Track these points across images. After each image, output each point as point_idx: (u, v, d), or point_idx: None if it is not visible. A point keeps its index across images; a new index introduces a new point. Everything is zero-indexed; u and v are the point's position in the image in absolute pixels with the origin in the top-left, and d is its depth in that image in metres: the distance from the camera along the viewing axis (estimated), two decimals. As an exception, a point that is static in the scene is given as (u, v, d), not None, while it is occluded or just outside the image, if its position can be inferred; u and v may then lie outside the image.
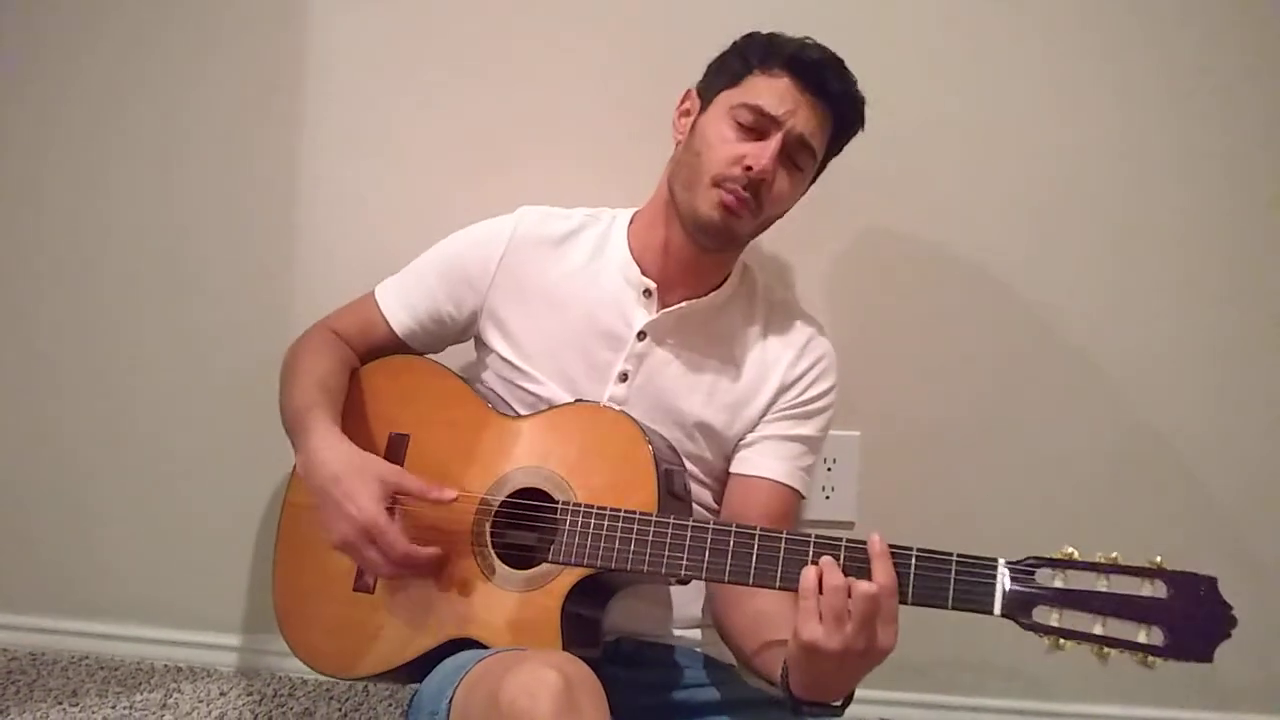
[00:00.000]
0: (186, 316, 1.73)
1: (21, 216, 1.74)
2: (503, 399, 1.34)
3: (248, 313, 1.71)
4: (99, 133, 1.70)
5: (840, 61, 1.27)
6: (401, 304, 1.38)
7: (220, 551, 1.74)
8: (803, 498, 1.33)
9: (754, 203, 1.24)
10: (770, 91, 1.24)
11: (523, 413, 1.30)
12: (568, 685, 0.95)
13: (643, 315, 1.31)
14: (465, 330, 1.39)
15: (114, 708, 1.60)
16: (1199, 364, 1.65)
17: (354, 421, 1.35)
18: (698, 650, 1.32)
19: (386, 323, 1.38)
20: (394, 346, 1.40)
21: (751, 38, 1.30)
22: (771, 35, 1.29)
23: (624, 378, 1.30)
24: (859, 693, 1.65)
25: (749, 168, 1.22)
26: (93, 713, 1.58)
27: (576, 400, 1.28)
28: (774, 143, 1.23)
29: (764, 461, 1.31)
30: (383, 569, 1.18)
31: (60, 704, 1.60)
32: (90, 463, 1.76)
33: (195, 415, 1.73)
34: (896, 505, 1.66)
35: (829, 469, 1.68)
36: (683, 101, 1.34)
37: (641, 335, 1.31)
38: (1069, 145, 1.62)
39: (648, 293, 1.31)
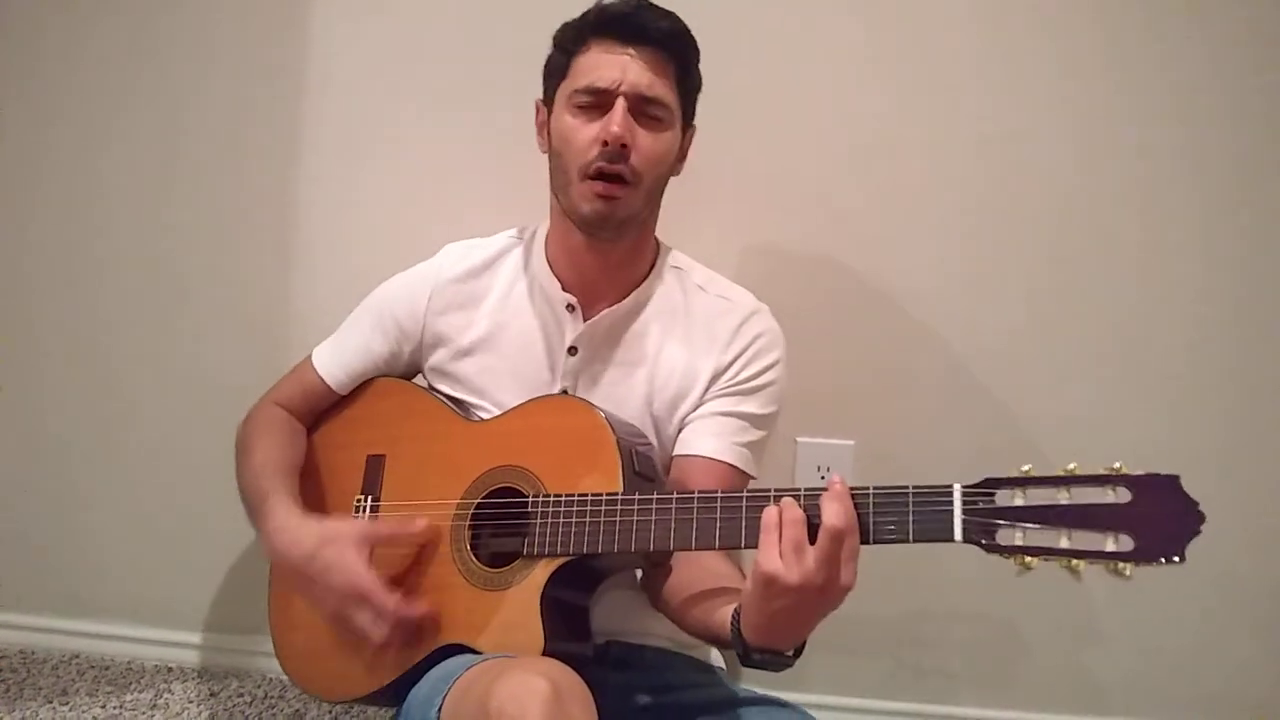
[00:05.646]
0: (181, 318, 1.74)
1: (18, 221, 1.75)
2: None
3: (243, 316, 1.73)
4: (95, 138, 1.72)
5: (645, 3, 1.26)
6: (337, 363, 1.40)
7: (212, 552, 1.74)
8: (749, 477, 1.30)
9: (627, 173, 1.23)
10: (592, 66, 1.25)
11: (487, 416, 1.31)
12: (556, 692, 0.95)
13: (570, 330, 1.31)
14: (405, 374, 1.40)
15: (104, 707, 1.60)
16: (1211, 377, 1.64)
17: (333, 451, 1.39)
18: (683, 652, 1.31)
19: (324, 383, 1.39)
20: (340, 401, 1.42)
21: (564, 27, 1.31)
22: (580, 16, 1.29)
23: (564, 393, 1.31)
24: (858, 701, 1.68)
25: (604, 141, 1.22)
26: (83, 712, 1.58)
27: (538, 396, 1.28)
28: (618, 108, 1.22)
29: (698, 440, 1.29)
30: (378, 630, 1.16)
31: (50, 703, 1.60)
32: (82, 462, 1.77)
33: (188, 415, 1.74)
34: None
35: (822, 477, 1.67)
36: (536, 116, 1.35)
37: (573, 350, 1.31)
38: (1072, 155, 1.62)
39: (570, 307, 1.31)
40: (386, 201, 1.70)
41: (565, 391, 1.31)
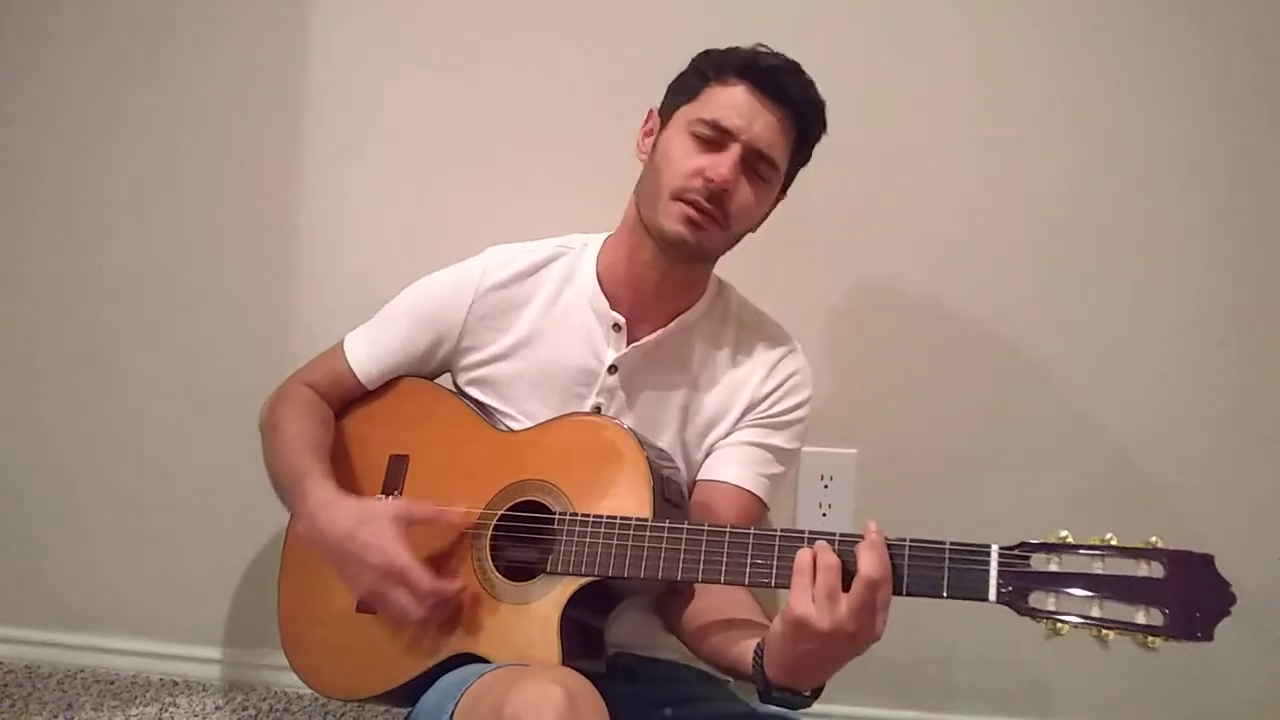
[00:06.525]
0: (183, 329, 1.73)
1: (17, 230, 1.74)
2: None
3: (245, 325, 1.72)
4: (93, 144, 1.71)
5: (797, 66, 1.27)
6: (370, 356, 1.38)
7: (217, 565, 1.74)
8: (766, 507, 1.32)
9: (719, 214, 1.24)
10: (726, 103, 1.25)
11: (517, 427, 1.31)
12: (571, 701, 0.95)
13: (614, 349, 1.32)
14: (435, 373, 1.40)
15: (110, 721, 1.60)
16: (1212, 377, 1.64)
17: (355, 446, 1.38)
18: (693, 665, 1.31)
19: (354, 375, 1.38)
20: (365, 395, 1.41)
21: (708, 53, 1.30)
22: (729, 48, 1.29)
23: (597, 411, 1.31)
24: (869, 711, 1.68)
25: (709, 180, 1.22)
26: (88, 727, 1.58)
27: (571, 413, 1.29)
28: (732, 153, 1.23)
29: (724, 467, 1.31)
30: (413, 609, 1.16)
31: (56, 717, 1.59)
32: (87, 476, 1.76)
33: (191, 428, 1.73)
34: (893, 522, 1.64)
35: (825, 486, 1.68)
36: (646, 122, 1.35)
37: (612, 369, 1.32)
38: (1072, 162, 1.62)
39: (617, 327, 1.32)
40: (388, 207, 1.69)
41: (598, 409, 1.31)
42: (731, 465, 1.31)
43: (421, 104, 1.68)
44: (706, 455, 1.33)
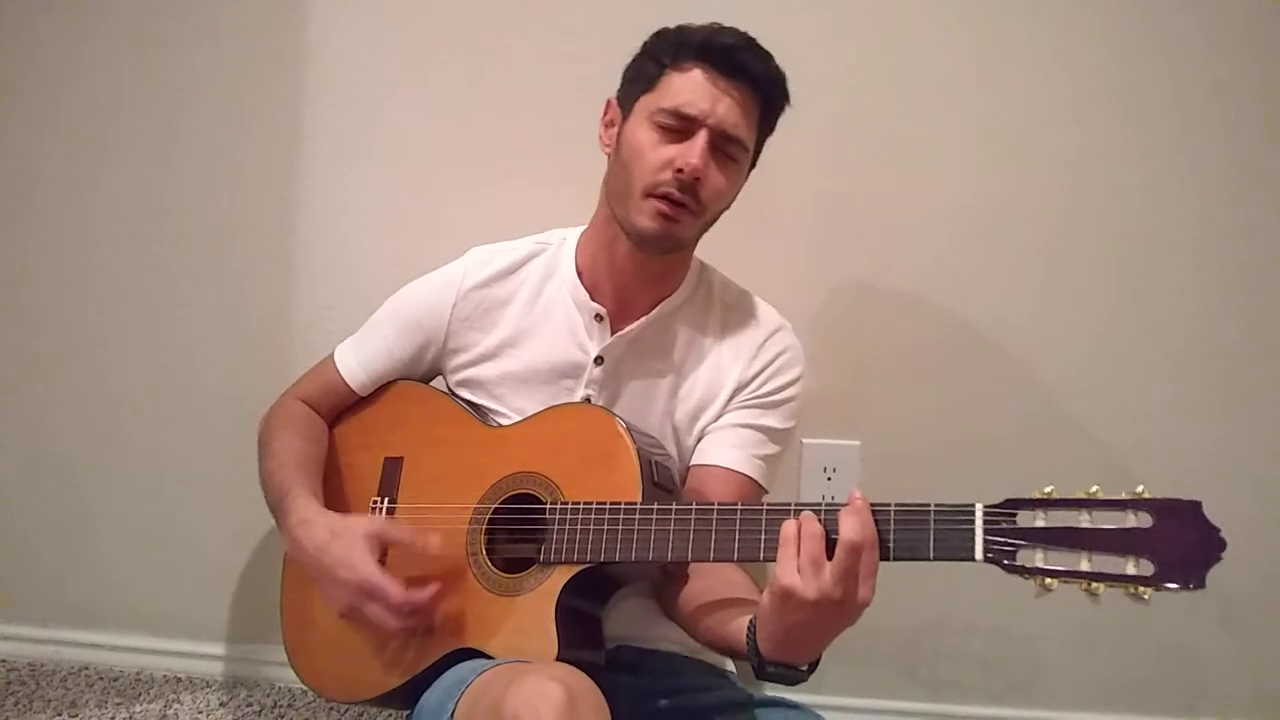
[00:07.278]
0: (185, 325, 1.73)
1: (16, 226, 1.75)
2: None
3: (246, 322, 1.72)
4: (91, 147, 1.71)
5: (753, 41, 1.25)
6: (359, 364, 1.40)
7: (219, 561, 1.75)
8: (763, 490, 1.31)
9: (693, 203, 1.23)
10: (685, 89, 1.22)
11: (506, 422, 1.31)
12: (570, 698, 0.95)
13: (598, 340, 1.32)
14: (426, 377, 1.41)
15: (113, 719, 1.60)
16: (1207, 374, 1.64)
17: (350, 452, 1.39)
18: (695, 657, 1.31)
19: (345, 383, 1.40)
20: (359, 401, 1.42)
21: (661, 35, 1.28)
22: (680, 28, 1.26)
23: (586, 402, 1.31)
24: (871, 702, 1.68)
25: (679, 170, 1.21)
26: (92, 724, 1.59)
27: (560, 404, 1.28)
28: (700, 139, 1.21)
29: (716, 450, 1.30)
30: (389, 621, 1.17)
31: (59, 715, 1.60)
32: (89, 473, 1.77)
33: (194, 425, 1.74)
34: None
35: (829, 478, 1.68)
36: (605, 113, 1.33)
37: (599, 360, 1.32)
38: (1073, 154, 1.62)
39: (599, 317, 1.31)
40: (387, 207, 1.69)
41: (588, 400, 1.31)
42: (723, 448, 1.30)
43: (421, 104, 1.68)
44: (698, 441, 1.33)
